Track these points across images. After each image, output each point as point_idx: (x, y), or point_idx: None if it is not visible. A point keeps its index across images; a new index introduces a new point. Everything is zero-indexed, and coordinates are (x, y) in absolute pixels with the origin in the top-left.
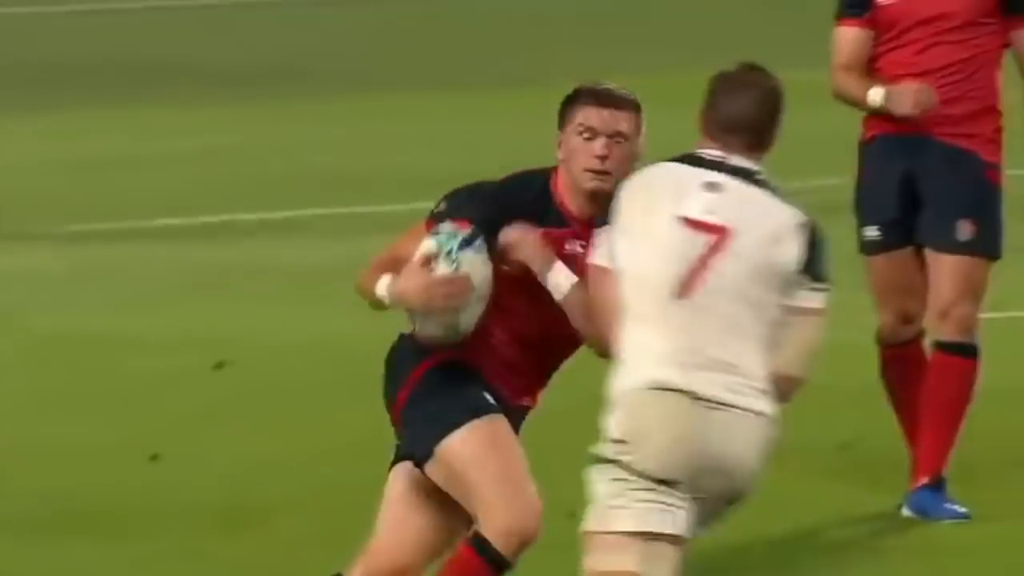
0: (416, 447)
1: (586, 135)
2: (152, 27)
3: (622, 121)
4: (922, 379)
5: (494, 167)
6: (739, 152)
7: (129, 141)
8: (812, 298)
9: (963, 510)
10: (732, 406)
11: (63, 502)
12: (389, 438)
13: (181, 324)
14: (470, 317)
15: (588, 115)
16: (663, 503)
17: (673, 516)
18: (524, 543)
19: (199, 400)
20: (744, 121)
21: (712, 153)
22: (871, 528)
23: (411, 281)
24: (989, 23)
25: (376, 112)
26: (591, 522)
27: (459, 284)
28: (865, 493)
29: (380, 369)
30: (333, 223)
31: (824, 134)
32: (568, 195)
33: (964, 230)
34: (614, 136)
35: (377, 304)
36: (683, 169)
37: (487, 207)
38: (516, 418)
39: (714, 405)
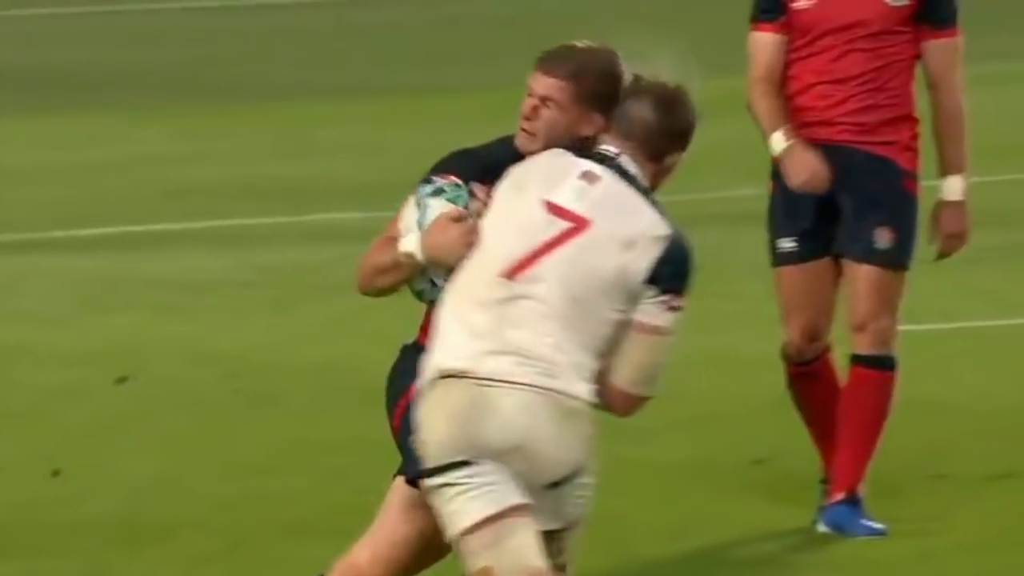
0: (407, 467)
1: (528, 93)
2: (49, 35)
3: (552, 87)
4: (831, 394)
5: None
6: (633, 157)
7: (24, 151)
8: (657, 315)
9: (879, 526)
10: (517, 383)
11: None
12: (295, 452)
13: (81, 337)
14: None
15: (532, 75)
16: (474, 486)
17: (493, 492)
18: None
19: (100, 414)
20: (641, 127)
21: (606, 148)
22: (787, 544)
23: (444, 235)
24: (903, 31)
25: (277, 120)
26: (449, 535)
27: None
28: (780, 508)
29: (284, 382)
30: (232, 233)
31: (738, 144)
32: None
33: (883, 238)
34: (544, 99)
35: (396, 272)
36: (566, 156)
37: (471, 168)
38: None
39: (493, 384)
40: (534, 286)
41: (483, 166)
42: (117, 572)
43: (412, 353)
